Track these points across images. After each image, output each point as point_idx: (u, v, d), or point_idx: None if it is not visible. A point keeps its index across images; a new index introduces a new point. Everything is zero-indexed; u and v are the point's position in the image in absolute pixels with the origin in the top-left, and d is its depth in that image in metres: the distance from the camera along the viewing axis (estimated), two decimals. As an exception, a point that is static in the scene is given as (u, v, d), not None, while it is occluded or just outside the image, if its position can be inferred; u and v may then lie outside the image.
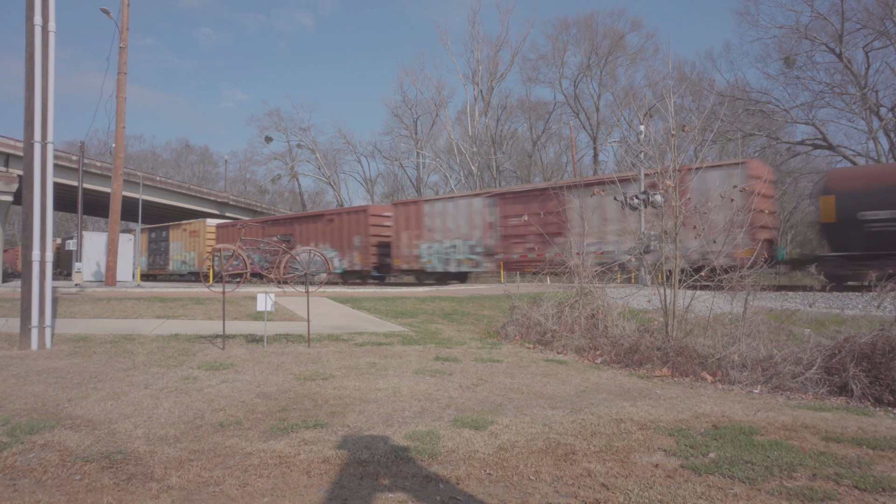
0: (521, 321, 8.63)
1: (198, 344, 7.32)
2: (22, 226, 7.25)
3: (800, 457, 3.14)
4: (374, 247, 25.10)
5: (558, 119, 49.16)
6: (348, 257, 25.57)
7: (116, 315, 9.67)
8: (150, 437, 3.51)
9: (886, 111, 31.38)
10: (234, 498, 2.65)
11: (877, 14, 29.32)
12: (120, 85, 18.15)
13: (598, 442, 3.45)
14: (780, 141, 34.82)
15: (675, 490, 2.70)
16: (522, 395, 4.83)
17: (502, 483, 2.83)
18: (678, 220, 6.81)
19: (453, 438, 3.50)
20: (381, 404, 4.39)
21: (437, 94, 51.14)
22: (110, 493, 2.68)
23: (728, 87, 36.32)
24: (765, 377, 5.34)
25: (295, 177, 59.49)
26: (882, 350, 4.92)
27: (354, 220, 25.65)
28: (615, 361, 6.56)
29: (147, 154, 75.04)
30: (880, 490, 2.69)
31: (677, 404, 4.45)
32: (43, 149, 7.16)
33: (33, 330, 6.93)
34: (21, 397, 4.46)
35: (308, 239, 27.54)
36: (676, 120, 7.48)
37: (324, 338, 7.92)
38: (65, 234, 53.26)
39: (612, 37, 45.58)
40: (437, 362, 6.29)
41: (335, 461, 3.10)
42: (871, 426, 3.82)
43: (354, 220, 25.71)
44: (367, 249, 24.93)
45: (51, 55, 7.25)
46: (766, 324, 6.42)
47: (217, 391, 4.75)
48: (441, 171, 50.30)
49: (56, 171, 9.56)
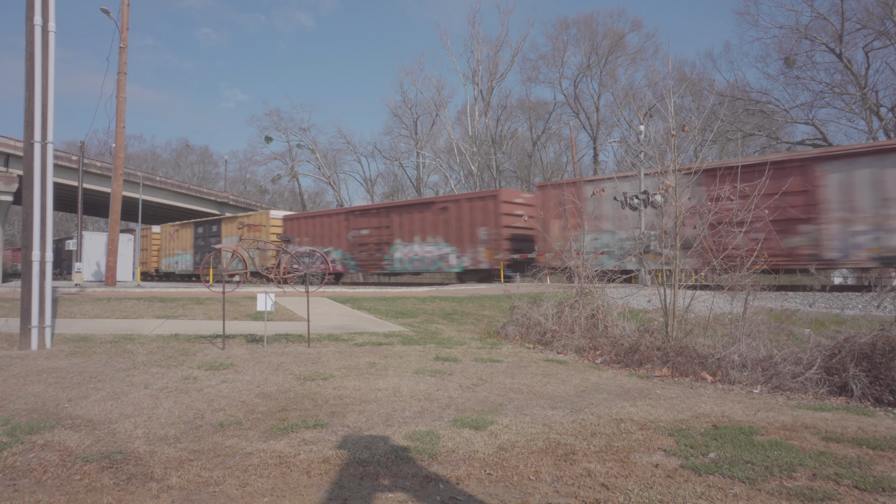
0: (521, 321, 8.63)
1: (198, 344, 7.32)
2: (22, 226, 7.25)
3: (800, 457, 3.14)
4: (507, 240, 20.53)
5: (558, 119, 49.20)
6: (470, 253, 21.23)
7: (116, 315, 9.67)
8: (150, 437, 3.51)
9: (886, 111, 31.39)
10: (234, 498, 2.65)
11: (877, 14, 29.33)
12: (120, 85, 18.16)
13: (598, 442, 3.45)
14: (780, 141, 34.83)
15: (675, 490, 2.70)
16: (522, 395, 4.83)
17: (502, 483, 2.83)
18: (678, 220, 6.81)
19: (453, 438, 3.50)
20: (381, 404, 4.39)
21: (437, 94, 51.16)
22: (110, 493, 2.68)
23: (728, 87, 36.36)
24: (765, 377, 5.34)
25: (295, 177, 59.50)
26: (882, 350, 4.92)
27: (480, 209, 21.02)
28: (615, 361, 6.56)
29: (147, 154, 75.08)
30: (880, 490, 2.69)
31: (677, 404, 4.45)
32: (43, 149, 7.16)
33: (33, 330, 6.93)
34: (21, 397, 4.46)
35: (412, 233, 23.24)
36: (676, 120, 7.48)
37: (324, 338, 7.92)
38: (65, 234, 53.24)
39: (612, 37, 45.58)
40: (437, 362, 6.29)
41: (335, 461, 3.10)
42: (871, 426, 3.82)
43: (480, 207, 21.07)
44: (497, 243, 20.42)
45: (51, 55, 7.26)
46: (766, 324, 6.42)
47: (217, 391, 4.75)
48: (441, 172, 50.32)
49: (56, 171, 9.56)
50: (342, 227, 26.06)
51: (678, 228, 6.82)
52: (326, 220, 27.06)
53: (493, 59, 48.73)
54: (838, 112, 32.85)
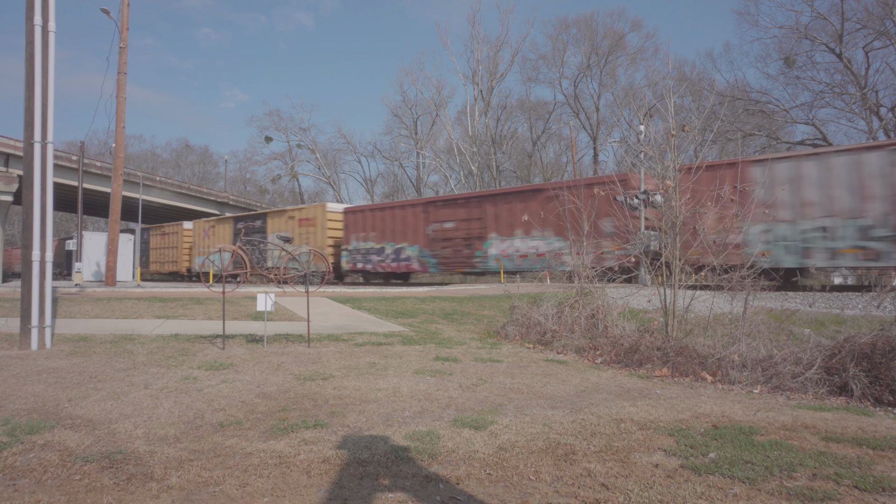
0: (521, 321, 8.63)
1: (198, 344, 7.32)
2: (22, 226, 7.25)
3: (800, 457, 3.14)
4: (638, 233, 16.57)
5: (558, 119, 49.21)
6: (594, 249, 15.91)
7: (116, 315, 9.67)
8: (150, 437, 3.51)
9: (886, 111, 31.39)
10: (234, 498, 2.65)
11: (877, 14, 29.33)
12: (120, 85, 18.16)
13: (598, 442, 3.45)
14: (780, 141, 34.83)
15: (675, 490, 2.70)
16: (522, 395, 4.83)
17: (502, 483, 2.83)
18: (678, 220, 6.81)
19: (453, 438, 3.50)
20: (381, 404, 4.39)
21: (437, 94, 51.20)
22: (110, 493, 2.68)
23: (728, 87, 36.37)
24: (765, 377, 5.34)
25: (295, 177, 59.52)
26: (882, 350, 4.92)
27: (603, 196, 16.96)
28: (615, 361, 6.56)
29: (147, 154, 75.08)
30: (880, 490, 2.69)
31: (677, 404, 4.45)
32: (43, 149, 7.16)
33: (33, 330, 6.93)
34: (21, 397, 4.45)
35: (511, 225, 19.65)
36: (676, 120, 7.48)
37: (324, 338, 7.92)
38: (65, 234, 53.21)
39: (612, 37, 45.60)
40: (437, 362, 6.29)
41: (335, 461, 3.10)
42: (871, 426, 3.82)
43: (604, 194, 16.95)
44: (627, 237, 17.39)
45: (51, 55, 7.25)
46: (766, 324, 6.42)
47: (217, 391, 4.75)
48: (441, 171, 50.33)
49: (56, 171, 9.56)
50: (419, 220, 22.78)
51: (678, 228, 6.82)
52: (399, 213, 23.88)
53: (493, 59, 48.79)
54: (838, 112, 32.90)
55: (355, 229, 25.37)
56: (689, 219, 11.22)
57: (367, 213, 25.20)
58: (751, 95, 35.08)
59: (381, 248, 24.46)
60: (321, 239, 25.76)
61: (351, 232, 25.64)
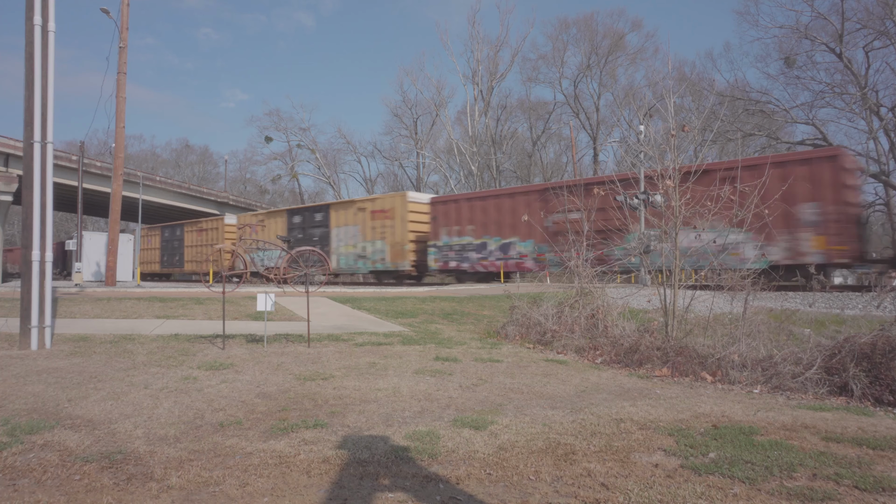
0: (521, 321, 8.63)
1: (198, 344, 7.32)
2: (22, 226, 7.25)
3: (800, 457, 3.14)
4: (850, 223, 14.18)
5: (558, 119, 49.22)
6: (785, 242, 14.53)
7: (116, 315, 9.67)
8: (150, 437, 3.51)
9: (886, 111, 31.37)
10: (234, 498, 2.65)
11: (877, 14, 29.31)
12: (120, 85, 18.15)
13: (598, 442, 3.45)
14: (780, 141, 34.81)
15: (675, 490, 2.70)
16: (522, 395, 4.83)
17: (502, 483, 2.83)
18: (678, 220, 6.80)
19: (453, 438, 3.49)
20: (381, 404, 4.39)
21: (437, 94, 51.21)
22: (110, 493, 2.68)
23: (728, 87, 36.32)
24: (765, 377, 5.33)
25: (295, 177, 59.50)
26: (882, 350, 4.91)
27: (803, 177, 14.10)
28: (615, 361, 6.56)
29: (147, 154, 75.09)
30: (880, 490, 2.69)
31: (677, 404, 4.45)
32: (43, 149, 7.16)
33: (33, 330, 6.92)
34: (21, 397, 4.45)
35: None
36: (676, 120, 7.48)
37: (324, 338, 7.92)
38: (65, 234, 53.19)
39: (612, 37, 45.59)
40: (437, 362, 6.29)
41: (335, 461, 3.10)
42: (871, 426, 3.82)
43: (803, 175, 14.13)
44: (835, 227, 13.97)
45: (51, 55, 7.25)
46: (766, 324, 6.42)
47: (217, 391, 4.75)
48: (441, 171, 50.32)
49: (56, 171, 9.56)
50: (534, 211, 19.21)
51: (678, 228, 6.82)
52: (507, 202, 20.37)
53: (493, 59, 48.78)
54: (838, 112, 32.83)
55: (446, 222, 21.96)
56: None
57: (462, 204, 21.76)
58: (751, 95, 35.05)
59: (483, 243, 21.13)
60: (401, 234, 22.44)
61: (440, 225, 22.27)
